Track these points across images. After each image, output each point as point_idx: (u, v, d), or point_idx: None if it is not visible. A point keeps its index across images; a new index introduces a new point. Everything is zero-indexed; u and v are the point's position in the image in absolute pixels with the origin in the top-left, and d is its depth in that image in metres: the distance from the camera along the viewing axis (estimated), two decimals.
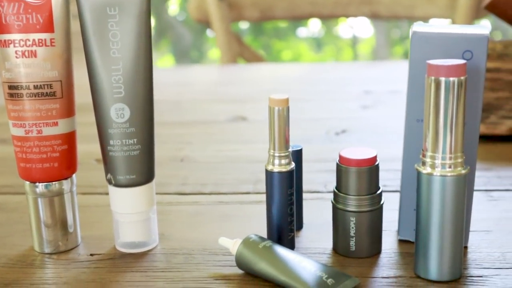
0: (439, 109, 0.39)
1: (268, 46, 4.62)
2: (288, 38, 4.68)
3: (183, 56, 4.43)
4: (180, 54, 4.45)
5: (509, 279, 0.41)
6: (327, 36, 4.70)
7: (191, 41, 4.49)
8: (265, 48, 4.56)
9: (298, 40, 4.71)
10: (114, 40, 0.44)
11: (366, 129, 0.82)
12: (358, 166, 0.44)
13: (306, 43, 4.71)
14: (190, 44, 4.49)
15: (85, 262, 0.46)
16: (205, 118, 0.91)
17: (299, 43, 4.70)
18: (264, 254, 0.42)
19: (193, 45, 4.53)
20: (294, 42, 4.69)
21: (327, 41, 4.71)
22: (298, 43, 4.70)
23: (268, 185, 0.46)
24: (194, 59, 4.53)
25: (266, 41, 4.62)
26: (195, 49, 4.60)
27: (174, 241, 0.49)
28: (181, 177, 0.65)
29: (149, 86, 0.45)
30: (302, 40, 4.72)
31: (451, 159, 0.40)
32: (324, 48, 4.72)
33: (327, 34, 4.69)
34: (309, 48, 4.70)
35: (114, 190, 0.46)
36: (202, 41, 4.62)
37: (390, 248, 0.47)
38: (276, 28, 4.51)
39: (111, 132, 0.45)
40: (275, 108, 0.44)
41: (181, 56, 4.44)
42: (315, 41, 4.72)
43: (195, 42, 4.51)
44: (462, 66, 0.39)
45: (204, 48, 4.69)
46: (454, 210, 0.41)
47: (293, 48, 4.68)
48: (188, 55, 4.48)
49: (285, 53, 4.65)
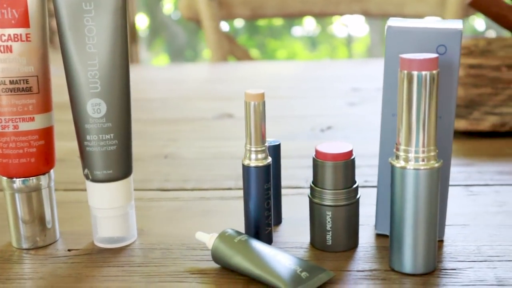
0: (412, 103, 0.40)
1: (263, 45, 4.62)
2: (283, 37, 4.68)
3: (178, 55, 4.43)
4: (175, 53, 4.45)
5: (482, 272, 0.42)
6: (322, 35, 4.71)
7: (185, 40, 4.49)
8: (260, 47, 4.56)
9: (293, 39, 4.71)
10: (90, 35, 0.44)
11: (351, 125, 0.82)
12: (334, 161, 0.45)
13: (301, 42, 4.71)
14: (184, 43, 4.49)
15: (62, 258, 0.46)
16: (192, 115, 0.91)
17: (294, 42, 4.70)
18: (240, 248, 0.42)
19: (187, 44, 4.53)
20: (289, 41, 4.69)
21: (322, 40, 4.72)
22: (293, 42, 4.70)
23: (245, 179, 0.46)
24: (189, 58, 4.53)
25: (261, 40, 4.62)
26: (189, 48, 4.60)
27: (153, 236, 0.49)
28: (164, 173, 0.65)
29: (125, 81, 0.45)
30: (297, 39, 4.72)
31: (424, 152, 0.40)
32: (319, 47, 4.72)
33: (322, 33, 4.70)
34: (304, 47, 4.70)
35: (91, 185, 0.47)
36: (196, 40, 4.62)
37: (367, 242, 0.47)
38: (271, 27, 4.51)
39: (87, 127, 0.45)
40: (251, 103, 0.44)
41: (175, 55, 4.44)
42: (310, 40, 4.72)
43: (189, 41, 4.51)
44: (434, 60, 0.39)
45: (199, 47, 4.69)
46: (428, 203, 0.41)
47: (288, 47, 4.69)
48: (183, 54, 4.48)
49: (280, 52, 4.65)
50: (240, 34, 4.38)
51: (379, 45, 4.40)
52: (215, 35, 1.43)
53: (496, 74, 0.71)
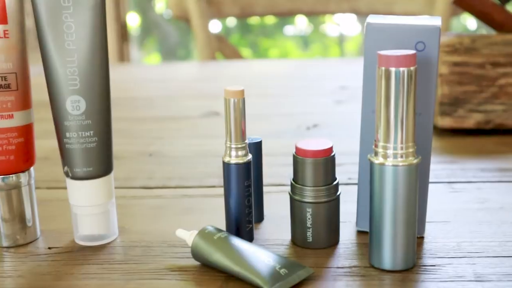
0: (390, 99, 0.40)
1: (255, 44, 4.62)
2: (275, 36, 4.68)
3: (170, 54, 4.42)
4: (167, 52, 4.45)
5: (461, 268, 0.42)
6: (314, 34, 4.71)
7: (177, 39, 4.48)
8: (252, 46, 4.56)
9: (285, 38, 4.71)
10: (68, 32, 0.43)
11: (338, 123, 0.82)
12: (314, 157, 0.45)
13: (293, 41, 4.71)
14: (177, 42, 4.48)
15: (42, 255, 0.46)
16: (179, 113, 0.91)
17: (286, 41, 4.70)
18: (219, 245, 0.42)
19: (179, 43, 4.53)
20: (281, 40, 4.69)
21: (314, 39, 4.72)
22: (285, 41, 4.70)
23: (225, 176, 0.46)
24: (181, 57, 4.52)
25: (253, 39, 4.62)
26: (181, 47, 4.59)
27: (134, 234, 0.49)
28: (148, 171, 0.65)
29: (105, 78, 0.45)
30: (289, 38, 4.73)
31: (403, 149, 0.40)
32: (311, 46, 4.72)
33: (314, 32, 4.70)
34: (296, 46, 4.71)
35: (71, 182, 0.46)
36: (188, 39, 4.61)
37: (348, 239, 0.47)
38: (263, 26, 4.51)
39: (67, 124, 0.45)
40: (231, 99, 0.44)
41: (167, 54, 4.44)
42: (302, 39, 4.72)
43: (181, 40, 4.51)
44: (412, 57, 0.39)
45: (191, 46, 4.68)
46: (407, 200, 0.41)
47: (280, 46, 4.69)
48: (175, 53, 4.47)
49: (272, 51, 4.65)
50: (232, 33, 4.37)
51: None
52: (204, 34, 1.42)
53: (481, 71, 0.72)
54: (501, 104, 0.72)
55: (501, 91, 0.72)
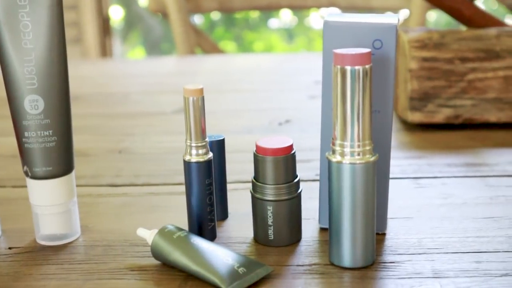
0: (346, 97, 0.40)
1: (240, 37, 4.61)
2: (260, 29, 4.67)
3: (154, 48, 4.40)
4: (151, 46, 4.43)
5: (420, 264, 0.42)
6: (299, 27, 4.71)
7: (162, 33, 4.46)
8: (237, 39, 4.55)
9: (270, 31, 4.71)
10: (25, 31, 0.43)
11: (310, 119, 0.82)
12: (274, 155, 0.45)
13: (278, 34, 4.71)
14: (161, 36, 4.47)
15: (2, 256, 0.46)
16: (152, 109, 0.91)
17: (270, 34, 4.70)
18: (178, 244, 0.42)
19: (164, 37, 4.51)
20: (265, 33, 4.69)
21: (299, 32, 4.72)
22: (270, 34, 4.70)
23: (186, 175, 0.46)
24: (165, 51, 4.51)
25: (238, 33, 4.61)
26: (166, 41, 4.58)
27: (97, 233, 0.49)
28: (116, 169, 0.65)
29: (63, 77, 0.45)
30: (273, 31, 4.72)
31: (360, 146, 0.40)
32: (296, 39, 4.72)
33: (298, 25, 4.70)
34: (281, 39, 4.70)
35: (31, 182, 0.46)
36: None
37: (310, 237, 0.47)
38: (247, 20, 4.50)
39: (25, 123, 0.44)
40: (190, 98, 0.44)
41: (151, 48, 4.42)
42: (287, 32, 4.72)
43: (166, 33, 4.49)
44: (367, 55, 0.39)
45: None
46: (365, 197, 0.41)
47: (264, 39, 4.68)
48: (159, 47, 4.46)
49: (256, 44, 4.64)
50: (217, 26, 4.36)
51: None
52: (182, 28, 1.42)
53: (450, 67, 0.72)
54: (470, 99, 0.72)
55: (470, 86, 0.72)
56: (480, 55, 0.71)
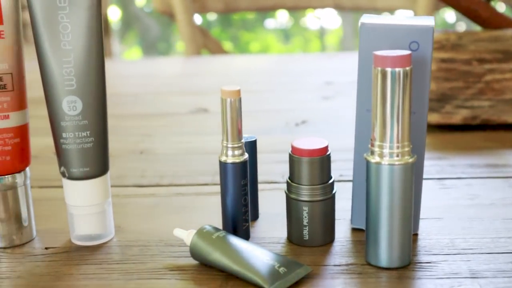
0: (386, 99, 0.40)
1: (236, 37, 4.61)
2: (256, 29, 4.68)
3: (151, 48, 4.40)
4: (148, 46, 4.43)
5: (456, 265, 0.42)
6: (295, 27, 4.71)
7: (159, 33, 4.46)
8: (233, 40, 4.56)
9: (266, 32, 4.71)
10: (64, 32, 0.43)
11: (326, 119, 0.82)
12: (310, 156, 0.45)
13: (274, 35, 4.72)
14: (157, 36, 4.47)
15: (39, 256, 0.46)
16: (167, 110, 0.91)
17: (267, 35, 4.70)
18: (218, 245, 0.43)
19: (160, 37, 4.51)
20: (262, 33, 4.69)
21: (295, 32, 4.72)
22: (266, 35, 4.70)
23: (222, 176, 0.46)
24: (162, 51, 4.50)
25: (234, 33, 4.62)
26: (163, 40, 4.58)
27: (130, 233, 0.49)
28: (139, 169, 0.65)
29: (101, 78, 0.45)
30: (270, 32, 4.73)
31: (399, 148, 0.41)
32: (292, 40, 4.73)
33: (294, 25, 4.70)
34: (277, 40, 4.71)
35: (68, 183, 0.46)
36: (169, 32, 4.59)
37: (343, 237, 0.48)
38: (244, 20, 4.51)
39: (63, 125, 0.45)
40: (227, 99, 0.45)
41: (148, 48, 4.42)
42: (283, 33, 4.73)
43: (163, 33, 4.49)
44: (407, 57, 0.40)
45: (172, 40, 4.67)
46: (402, 198, 0.41)
47: (261, 39, 4.69)
48: (156, 47, 4.46)
49: (253, 45, 4.65)
50: (213, 26, 4.36)
51: (352, 38, 4.42)
52: (189, 29, 1.42)
53: (467, 68, 0.72)
54: (487, 100, 0.73)
55: (487, 87, 0.73)
56: (497, 56, 0.72)
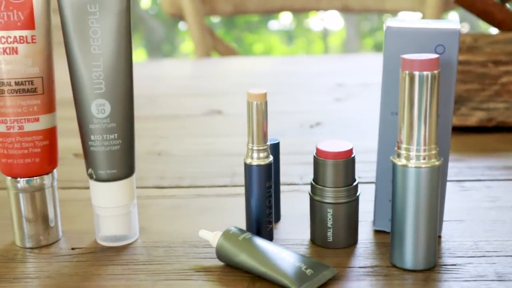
0: (413, 102, 0.41)
1: (240, 39, 4.62)
2: (260, 31, 4.68)
3: (155, 49, 4.41)
4: (152, 48, 4.44)
5: (482, 267, 0.43)
6: (298, 28, 4.72)
7: (163, 35, 4.47)
8: (237, 41, 4.56)
9: (270, 33, 4.72)
10: (94, 36, 0.44)
11: (340, 121, 0.83)
12: (335, 159, 0.45)
13: (277, 36, 4.72)
14: (162, 38, 4.48)
15: (66, 256, 0.47)
16: (180, 112, 0.92)
17: (270, 36, 4.71)
18: (244, 246, 0.43)
19: (165, 38, 4.52)
20: (265, 35, 4.70)
21: (298, 33, 4.73)
22: (270, 36, 4.71)
23: (247, 178, 0.47)
24: (166, 53, 4.51)
25: (238, 34, 4.63)
26: (167, 42, 4.59)
27: (154, 234, 0.50)
28: (159, 171, 0.65)
29: (129, 81, 0.46)
30: (273, 33, 4.73)
31: (425, 151, 0.41)
32: (295, 41, 4.74)
33: (298, 26, 4.71)
34: (281, 41, 4.71)
35: (95, 184, 0.47)
36: (174, 34, 4.60)
37: (366, 239, 0.48)
38: (247, 21, 4.51)
39: (92, 127, 0.45)
40: (254, 102, 0.45)
41: (153, 49, 4.43)
42: (286, 34, 4.73)
43: (167, 35, 4.50)
44: (435, 61, 0.40)
45: (176, 42, 4.68)
46: (429, 201, 0.42)
47: (264, 41, 4.69)
48: (160, 49, 4.47)
49: (256, 46, 4.65)
50: (217, 28, 4.37)
51: (355, 39, 4.43)
52: (199, 31, 1.43)
53: (483, 70, 0.73)
54: (503, 102, 0.73)
55: (503, 89, 0.73)
56: None
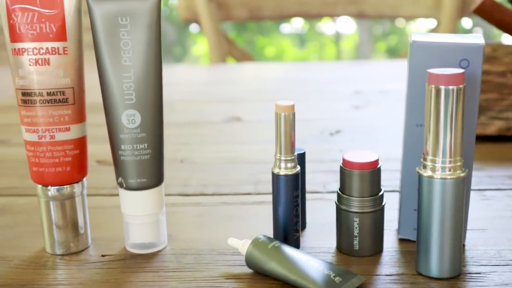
0: (439, 115, 0.41)
1: (252, 42, 4.63)
2: (272, 34, 4.70)
3: (166, 52, 4.43)
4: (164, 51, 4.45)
5: (506, 276, 0.44)
6: (310, 32, 4.73)
7: (175, 38, 4.50)
8: (249, 44, 4.58)
9: (282, 37, 4.73)
10: (125, 48, 0.45)
11: (360, 129, 0.84)
12: (361, 169, 0.46)
13: (289, 39, 4.73)
14: (173, 40, 4.50)
15: (97, 263, 0.48)
16: (200, 118, 0.93)
17: (282, 40, 4.72)
18: (273, 254, 0.44)
19: (176, 41, 4.54)
20: (277, 38, 4.71)
21: (311, 37, 4.74)
22: (282, 40, 4.72)
23: (274, 187, 0.48)
24: (177, 56, 4.54)
25: (250, 38, 4.64)
26: (178, 45, 4.61)
27: (182, 242, 0.51)
28: (182, 178, 0.66)
29: (159, 92, 0.47)
30: (285, 37, 4.74)
31: (451, 162, 0.42)
32: (308, 45, 4.74)
33: (310, 30, 4.72)
34: (293, 44, 4.73)
35: (125, 193, 0.48)
36: (185, 37, 4.63)
37: (391, 247, 0.49)
38: (259, 25, 4.53)
39: (122, 137, 0.46)
40: (282, 114, 0.46)
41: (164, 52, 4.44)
42: (299, 38, 4.75)
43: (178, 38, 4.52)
44: (461, 75, 0.41)
45: (187, 44, 4.70)
46: (454, 211, 0.43)
47: (276, 44, 4.71)
48: (172, 51, 4.49)
49: (268, 49, 4.67)
50: (229, 31, 4.39)
51: (367, 43, 4.43)
52: (214, 36, 1.44)
53: (502, 80, 0.74)
54: None
55: None
56: None
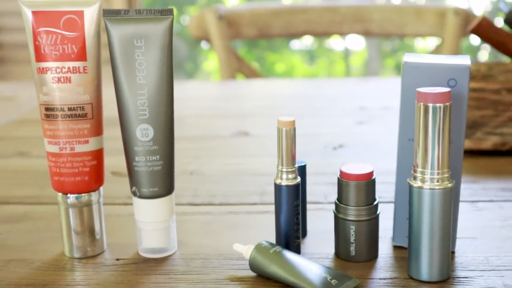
0: (428, 131, 0.45)
1: (262, 58, 4.68)
2: (281, 50, 4.74)
3: (178, 68, 4.49)
4: (175, 66, 4.50)
5: (491, 280, 0.47)
6: (320, 49, 4.77)
7: (186, 54, 4.55)
8: (259, 61, 4.62)
9: (291, 53, 4.78)
10: (140, 68, 0.49)
11: (362, 144, 0.87)
12: (357, 180, 0.50)
13: (299, 56, 4.78)
14: (185, 56, 4.56)
15: (112, 266, 0.51)
16: (210, 133, 0.96)
17: (292, 56, 4.77)
18: (275, 259, 0.48)
19: (188, 57, 4.60)
20: (287, 54, 4.76)
21: (320, 53, 4.78)
22: (291, 56, 4.77)
23: (276, 197, 0.51)
24: (189, 72, 4.59)
25: (260, 54, 4.69)
26: (190, 61, 4.66)
27: (191, 247, 0.55)
28: (191, 189, 0.70)
29: (170, 108, 0.51)
30: (295, 53, 4.79)
31: (439, 174, 0.46)
32: (317, 61, 4.79)
33: (319, 47, 4.76)
34: (302, 61, 4.77)
35: (138, 201, 0.52)
36: (196, 53, 4.68)
37: (386, 253, 0.53)
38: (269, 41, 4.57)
39: (136, 149, 0.50)
40: (283, 128, 0.50)
41: (176, 68, 4.49)
42: (308, 54, 4.79)
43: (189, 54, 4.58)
44: (447, 94, 0.45)
45: (198, 60, 4.75)
46: (442, 219, 0.46)
47: (286, 60, 4.75)
48: (183, 67, 4.55)
49: (278, 66, 4.71)
50: (239, 47, 4.44)
51: (376, 59, 4.47)
52: (225, 54, 1.48)
53: (497, 97, 0.77)
54: None
55: None
56: None
